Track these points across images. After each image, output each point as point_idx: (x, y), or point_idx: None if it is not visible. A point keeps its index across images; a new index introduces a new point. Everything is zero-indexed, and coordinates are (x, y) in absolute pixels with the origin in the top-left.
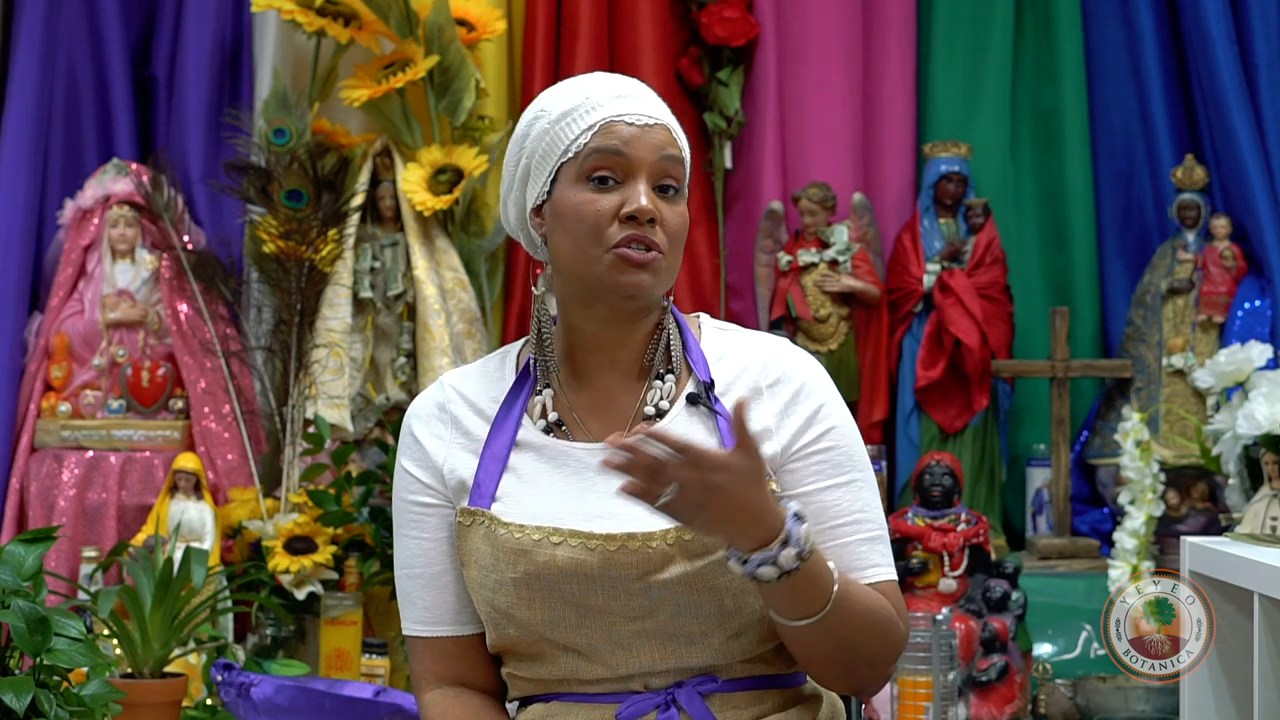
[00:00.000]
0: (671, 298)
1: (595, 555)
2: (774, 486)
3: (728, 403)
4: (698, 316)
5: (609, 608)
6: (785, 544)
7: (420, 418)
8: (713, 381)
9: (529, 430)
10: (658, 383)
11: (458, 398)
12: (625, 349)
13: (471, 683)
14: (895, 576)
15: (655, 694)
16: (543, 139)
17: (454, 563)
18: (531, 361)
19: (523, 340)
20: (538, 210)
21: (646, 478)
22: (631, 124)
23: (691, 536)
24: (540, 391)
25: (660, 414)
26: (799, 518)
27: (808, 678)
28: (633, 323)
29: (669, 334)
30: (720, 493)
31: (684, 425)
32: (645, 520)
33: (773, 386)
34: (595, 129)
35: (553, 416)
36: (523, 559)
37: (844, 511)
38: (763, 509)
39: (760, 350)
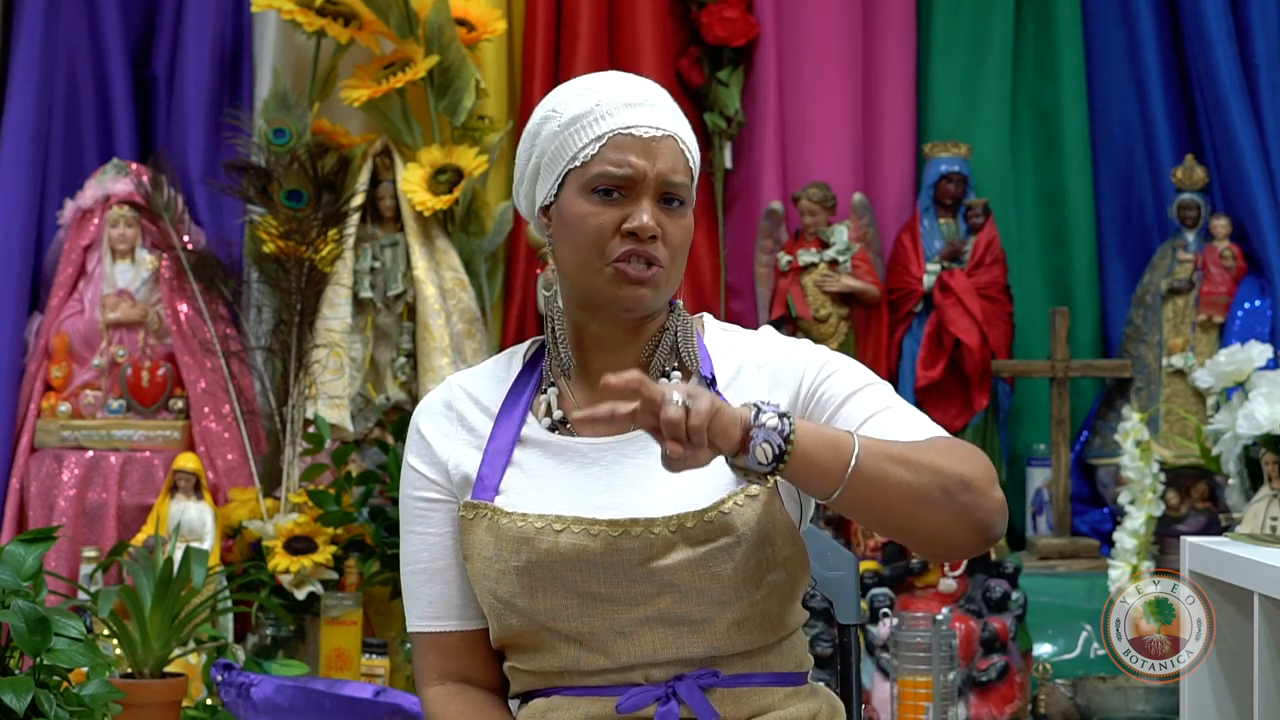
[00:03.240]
0: (680, 300)
1: (598, 541)
2: None
3: (729, 397)
4: (701, 317)
5: (611, 595)
6: (759, 414)
7: (427, 415)
8: (714, 377)
9: (533, 427)
10: (663, 380)
11: (464, 395)
12: (631, 350)
13: (475, 679)
14: (944, 431)
15: (656, 686)
16: (552, 141)
17: (459, 558)
18: (539, 359)
19: (530, 341)
20: (545, 209)
21: (648, 407)
22: (640, 136)
23: (694, 523)
24: (545, 390)
25: None
26: (760, 406)
27: (809, 677)
28: (636, 328)
29: (677, 333)
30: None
31: None
32: (648, 507)
33: (761, 368)
34: (604, 140)
35: (557, 414)
36: (525, 547)
37: (868, 409)
38: (734, 412)
39: (753, 343)
